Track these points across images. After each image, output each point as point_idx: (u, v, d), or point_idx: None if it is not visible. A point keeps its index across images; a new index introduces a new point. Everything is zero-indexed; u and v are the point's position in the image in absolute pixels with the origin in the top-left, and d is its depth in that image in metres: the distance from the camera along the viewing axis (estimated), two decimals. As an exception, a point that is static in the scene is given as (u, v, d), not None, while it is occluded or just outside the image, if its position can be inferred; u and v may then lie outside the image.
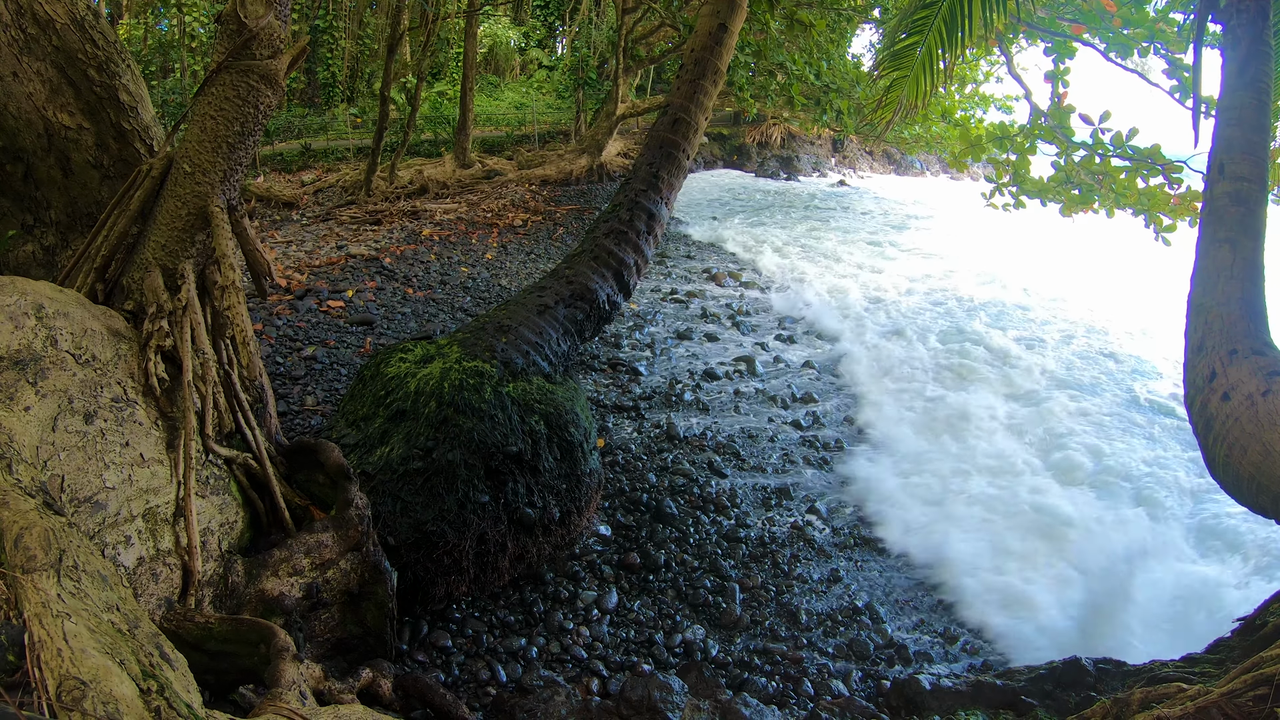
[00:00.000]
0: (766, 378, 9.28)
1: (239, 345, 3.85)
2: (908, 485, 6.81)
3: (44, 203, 4.22)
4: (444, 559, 4.99)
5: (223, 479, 3.77)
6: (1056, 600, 5.34)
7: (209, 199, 3.76)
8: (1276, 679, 2.31)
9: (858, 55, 21.58)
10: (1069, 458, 7.63)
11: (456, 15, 24.64)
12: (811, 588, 5.43)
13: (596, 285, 6.49)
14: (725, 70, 7.20)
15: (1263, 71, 3.84)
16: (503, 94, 32.52)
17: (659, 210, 6.94)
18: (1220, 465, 3.33)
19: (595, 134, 25.52)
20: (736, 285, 14.05)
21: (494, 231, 16.79)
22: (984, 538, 6.01)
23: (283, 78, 3.78)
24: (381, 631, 4.07)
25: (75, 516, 2.88)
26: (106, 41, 4.03)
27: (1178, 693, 2.65)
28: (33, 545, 1.77)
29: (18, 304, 3.07)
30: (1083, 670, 3.76)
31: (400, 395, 5.38)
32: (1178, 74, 7.73)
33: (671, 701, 3.90)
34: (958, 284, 14.90)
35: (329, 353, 8.74)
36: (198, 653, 3.01)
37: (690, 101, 6.99)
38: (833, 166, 37.16)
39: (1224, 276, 3.61)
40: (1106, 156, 8.20)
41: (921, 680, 3.99)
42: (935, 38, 6.31)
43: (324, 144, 23.63)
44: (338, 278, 11.78)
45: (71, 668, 1.49)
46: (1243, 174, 3.74)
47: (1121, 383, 10.07)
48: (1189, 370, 3.70)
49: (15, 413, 2.80)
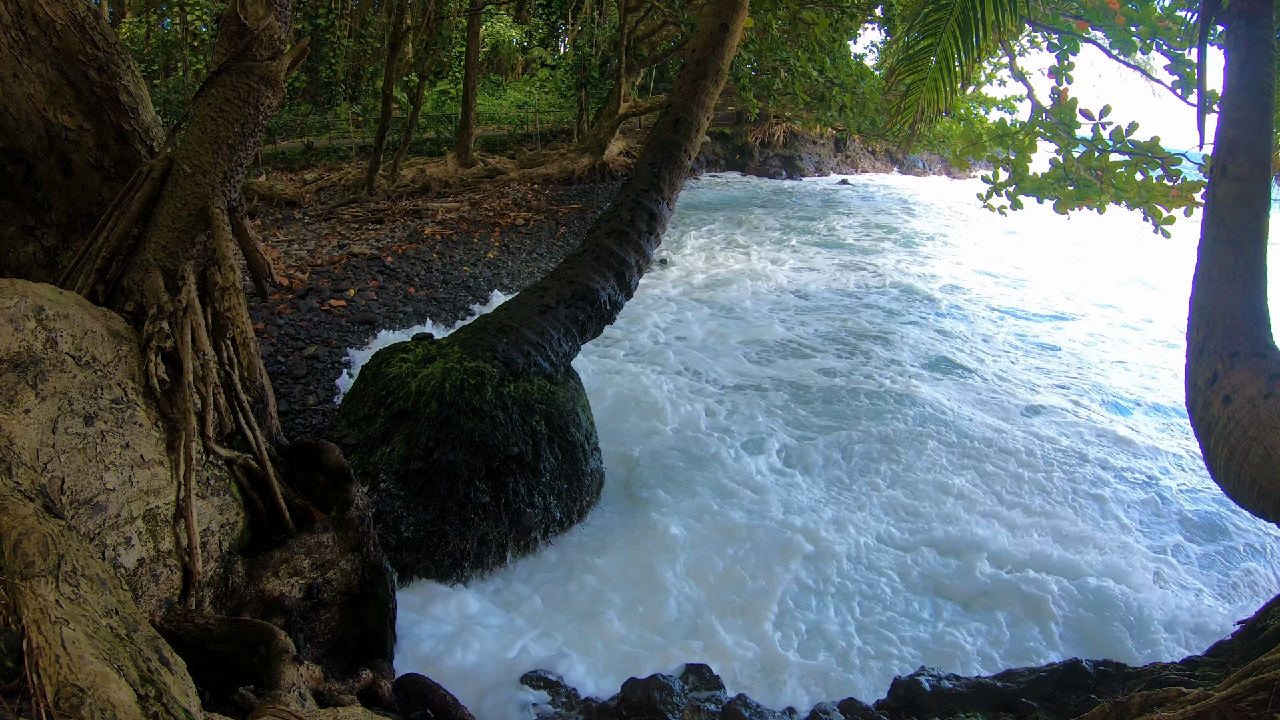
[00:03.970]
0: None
1: (239, 346, 3.86)
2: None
3: (44, 204, 4.22)
4: (445, 560, 5.00)
5: (223, 480, 3.78)
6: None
7: (209, 200, 3.76)
8: (1276, 683, 2.31)
9: (860, 54, 21.51)
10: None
11: (459, 14, 24.63)
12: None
13: (598, 285, 6.48)
14: (727, 70, 7.18)
15: (1265, 72, 3.82)
16: (505, 93, 32.49)
17: (660, 210, 6.93)
18: (1222, 468, 3.32)
19: (597, 133, 25.51)
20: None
21: (496, 230, 16.78)
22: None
23: (283, 79, 3.78)
24: (382, 632, 4.08)
25: (75, 518, 2.89)
26: (107, 42, 4.03)
27: (1178, 696, 2.64)
28: (31, 551, 1.77)
29: (18, 306, 3.07)
30: (1083, 673, 3.75)
31: (401, 395, 5.39)
32: (1180, 69, 7.70)
33: (671, 702, 3.90)
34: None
35: (330, 352, 8.75)
36: (198, 654, 3.01)
37: (692, 101, 6.97)
38: (834, 166, 37.10)
39: (1226, 278, 3.60)
40: (1106, 151, 8.17)
41: (922, 682, 3.98)
42: (950, 39, 6.27)
43: (326, 143, 23.66)
44: (340, 277, 11.78)
45: (69, 674, 1.49)
46: (1245, 175, 3.72)
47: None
48: (1191, 373, 3.69)
49: (15, 415, 2.81)
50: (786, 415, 8.40)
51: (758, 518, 6.20)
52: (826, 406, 8.77)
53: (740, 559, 5.63)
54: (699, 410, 8.27)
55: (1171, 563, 5.99)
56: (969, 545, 5.90)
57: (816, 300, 13.81)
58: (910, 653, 4.83)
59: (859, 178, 35.55)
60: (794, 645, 4.84)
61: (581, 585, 5.24)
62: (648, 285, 13.43)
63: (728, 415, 8.28)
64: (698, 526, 5.99)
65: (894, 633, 5.02)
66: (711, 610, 5.10)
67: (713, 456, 7.21)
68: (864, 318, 12.68)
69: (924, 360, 10.63)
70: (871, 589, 5.45)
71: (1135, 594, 5.37)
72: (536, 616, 4.91)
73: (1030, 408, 9.03)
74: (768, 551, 5.70)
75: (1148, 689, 2.95)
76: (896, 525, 6.24)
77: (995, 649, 4.90)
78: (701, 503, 6.33)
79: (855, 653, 4.81)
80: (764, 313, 12.64)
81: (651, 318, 11.92)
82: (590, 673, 4.44)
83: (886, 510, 6.46)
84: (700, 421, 8.00)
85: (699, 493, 6.51)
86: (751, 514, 6.26)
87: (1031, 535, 6.20)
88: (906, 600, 5.36)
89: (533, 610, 4.98)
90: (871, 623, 5.11)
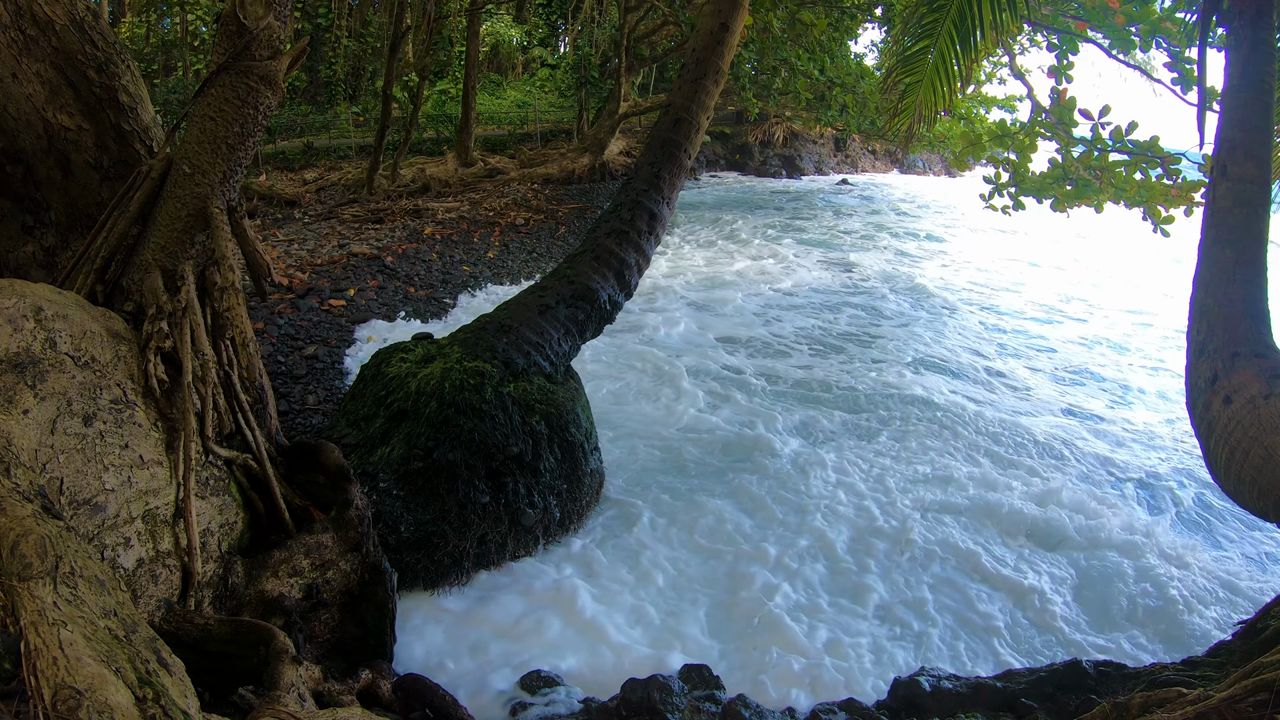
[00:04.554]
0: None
1: (239, 346, 3.86)
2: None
3: (44, 204, 4.22)
4: (445, 560, 4.99)
5: (223, 480, 3.78)
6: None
7: (208, 200, 3.76)
8: (1276, 684, 2.31)
9: (860, 54, 21.54)
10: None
11: (459, 14, 24.63)
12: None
13: (598, 285, 6.47)
14: (727, 69, 7.18)
15: (1265, 72, 3.82)
16: (505, 92, 32.53)
17: (660, 210, 6.92)
18: (1222, 468, 3.32)
19: (597, 133, 25.52)
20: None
21: (496, 230, 16.78)
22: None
23: (282, 79, 3.78)
24: (381, 632, 4.07)
25: (74, 519, 2.89)
26: (106, 42, 4.03)
27: (1178, 697, 2.64)
28: (29, 552, 1.77)
29: (17, 306, 3.07)
30: (1083, 673, 3.75)
31: (401, 395, 5.38)
32: (1180, 67, 7.70)
33: (671, 702, 3.90)
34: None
35: (330, 351, 8.74)
36: (197, 654, 3.01)
37: (692, 101, 6.97)
38: (835, 165, 37.13)
39: (1226, 279, 3.60)
40: (1105, 151, 8.17)
41: (922, 682, 3.98)
42: (946, 41, 6.27)
43: (326, 142, 23.66)
44: (339, 276, 11.78)
45: (67, 676, 1.49)
46: (1245, 175, 3.72)
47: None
48: (1191, 372, 3.69)
49: (14, 416, 2.80)
50: (776, 412, 8.39)
51: (758, 517, 6.21)
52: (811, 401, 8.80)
53: (741, 559, 5.63)
54: (691, 409, 8.27)
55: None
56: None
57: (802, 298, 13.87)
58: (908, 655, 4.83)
59: (859, 177, 35.58)
60: (794, 645, 4.84)
61: (581, 585, 5.23)
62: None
63: (717, 412, 8.28)
64: (698, 527, 5.99)
65: (893, 633, 5.02)
66: (711, 610, 5.10)
67: (713, 457, 7.22)
68: (851, 318, 12.70)
69: (924, 359, 10.64)
70: (871, 588, 5.44)
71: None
72: (536, 616, 4.91)
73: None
74: (769, 551, 5.70)
75: (1148, 689, 2.95)
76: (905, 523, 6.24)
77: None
78: (702, 502, 6.33)
79: (855, 652, 4.80)
80: (751, 312, 12.67)
81: (649, 318, 11.92)
82: (590, 673, 4.43)
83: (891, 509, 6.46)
84: (684, 418, 8.02)
85: (699, 493, 6.51)
86: (753, 513, 6.26)
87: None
88: (907, 599, 5.36)
89: (532, 610, 4.97)
90: (872, 622, 5.10)
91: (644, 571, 5.44)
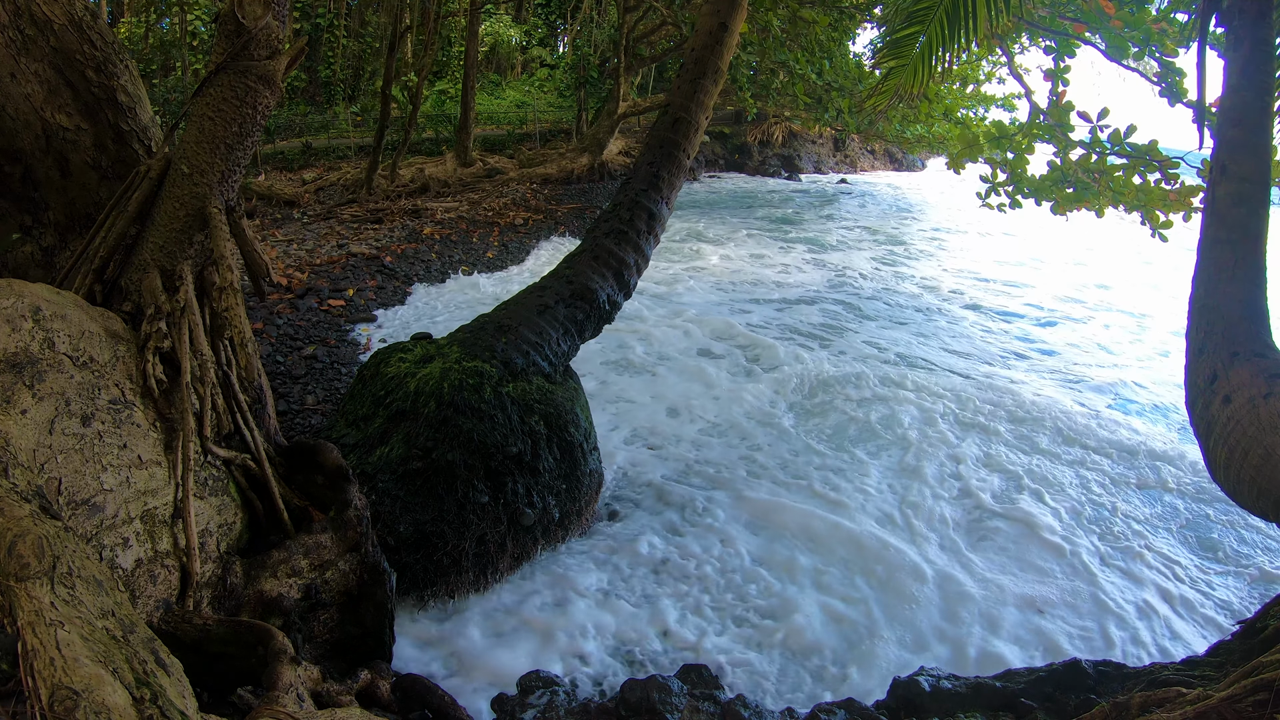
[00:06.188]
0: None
1: (237, 346, 3.85)
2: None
3: (42, 204, 4.21)
4: (443, 560, 4.99)
5: (221, 480, 3.77)
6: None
7: (207, 200, 3.76)
8: (1276, 684, 2.30)
9: (859, 54, 21.52)
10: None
11: (459, 14, 24.62)
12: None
13: (597, 285, 6.46)
14: (726, 69, 7.17)
15: (1266, 72, 3.82)
16: (504, 92, 32.52)
17: (659, 210, 6.92)
18: (1221, 468, 3.31)
19: (596, 132, 25.51)
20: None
21: (495, 230, 16.78)
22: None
23: (281, 78, 3.77)
24: (380, 632, 4.07)
25: (72, 519, 2.88)
26: (104, 42, 4.02)
27: (1177, 697, 2.63)
28: (26, 553, 1.77)
29: (15, 306, 3.06)
30: (1082, 673, 3.74)
31: (400, 395, 5.38)
32: (1168, 78, 7.69)
33: (670, 703, 3.90)
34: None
35: (329, 351, 8.74)
36: (196, 655, 3.00)
37: (691, 101, 6.96)
38: (834, 165, 37.16)
39: (1225, 278, 3.59)
40: (1104, 154, 8.16)
41: (921, 682, 3.98)
42: (936, 29, 6.27)
43: (325, 142, 23.65)
44: (338, 276, 11.77)
45: (64, 677, 1.48)
46: (1245, 174, 3.72)
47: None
48: (1190, 372, 3.68)
49: (12, 416, 2.80)
50: (770, 413, 8.40)
51: (758, 517, 6.20)
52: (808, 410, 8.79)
53: (740, 559, 5.63)
54: (687, 406, 8.27)
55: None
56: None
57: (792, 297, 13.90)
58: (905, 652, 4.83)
59: (858, 176, 35.61)
60: (794, 645, 4.83)
61: (580, 585, 5.23)
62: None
63: (718, 413, 8.29)
64: (698, 526, 5.98)
65: (894, 632, 5.02)
66: (711, 610, 5.10)
67: (711, 454, 7.21)
68: (844, 317, 12.72)
69: (920, 359, 10.65)
70: (873, 585, 5.44)
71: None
72: (534, 616, 4.90)
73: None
74: (768, 551, 5.70)
75: (1147, 689, 2.95)
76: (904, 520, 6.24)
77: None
78: (702, 501, 6.32)
79: (855, 652, 4.80)
80: (742, 311, 12.71)
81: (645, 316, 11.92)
82: (589, 673, 4.43)
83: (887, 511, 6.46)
84: (689, 424, 8.01)
85: (699, 491, 6.51)
86: (751, 512, 6.26)
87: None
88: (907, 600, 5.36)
89: (530, 610, 4.97)
90: (870, 623, 5.10)
91: (644, 571, 5.44)
